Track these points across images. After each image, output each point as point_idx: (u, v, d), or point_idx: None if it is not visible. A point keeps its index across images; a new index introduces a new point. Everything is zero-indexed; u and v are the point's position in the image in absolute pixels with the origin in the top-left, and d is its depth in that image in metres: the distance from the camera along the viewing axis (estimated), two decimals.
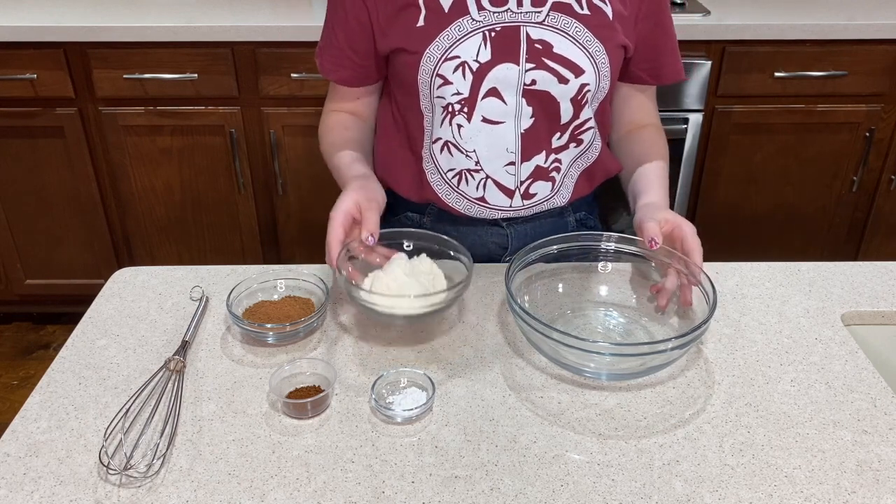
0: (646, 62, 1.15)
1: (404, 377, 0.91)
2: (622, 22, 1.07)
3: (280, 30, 2.02)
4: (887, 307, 1.07)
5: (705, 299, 0.94)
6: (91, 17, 2.10)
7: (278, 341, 0.98)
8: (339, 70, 1.14)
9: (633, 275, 1.07)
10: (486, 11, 1.03)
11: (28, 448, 0.82)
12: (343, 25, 1.10)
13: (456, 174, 1.12)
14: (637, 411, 0.88)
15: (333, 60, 1.14)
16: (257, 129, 2.17)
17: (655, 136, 1.21)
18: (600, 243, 1.07)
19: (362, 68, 1.13)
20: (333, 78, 1.16)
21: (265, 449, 0.82)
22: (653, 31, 1.12)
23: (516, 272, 1.00)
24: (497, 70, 1.04)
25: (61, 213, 2.30)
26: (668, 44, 1.15)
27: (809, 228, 2.35)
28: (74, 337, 1.00)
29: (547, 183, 1.13)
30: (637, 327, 1.01)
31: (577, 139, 1.12)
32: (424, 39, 1.04)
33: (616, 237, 1.06)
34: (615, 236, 1.06)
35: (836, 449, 0.83)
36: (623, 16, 1.08)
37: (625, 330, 1.01)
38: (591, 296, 1.06)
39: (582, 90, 1.06)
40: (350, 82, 1.16)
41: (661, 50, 1.15)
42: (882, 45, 2.08)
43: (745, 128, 2.18)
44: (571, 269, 1.08)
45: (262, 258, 2.36)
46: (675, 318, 1.01)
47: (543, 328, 0.87)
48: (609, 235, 1.06)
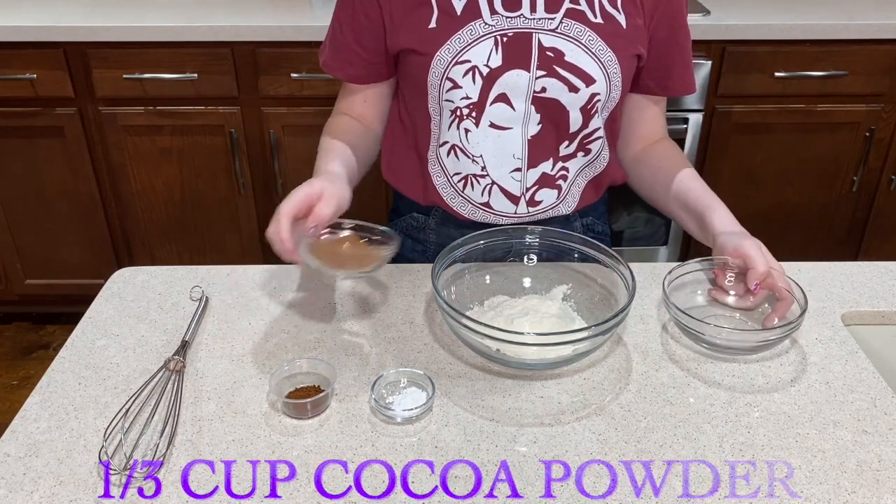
0: (655, 71, 1.13)
1: (404, 377, 0.91)
2: (637, 31, 1.06)
3: (280, 30, 2.02)
4: (887, 307, 1.07)
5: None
6: (91, 17, 2.10)
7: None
8: (344, 67, 1.13)
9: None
10: (499, 16, 1.02)
11: (28, 448, 0.82)
12: (350, 22, 1.09)
13: (462, 178, 1.12)
14: (637, 411, 0.88)
15: (339, 57, 1.12)
16: (257, 129, 2.17)
17: (676, 149, 1.19)
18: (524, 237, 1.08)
19: (370, 65, 1.12)
20: (338, 75, 1.14)
21: (265, 449, 0.82)
22: (665, 41, 1.10)
23: (441, 270, 1.00)
24: (507, 76, 1.03)
25: (61, 213, 2.30)
26: (680, 55, 1.13)
27: (809, 228, 2.35)
28: (74, 337, 1.00)
29: (553, 191, 1.13)
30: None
31: (585, 148, 1.12)
32: (436, 41, 1.03)
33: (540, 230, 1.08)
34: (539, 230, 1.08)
35: (836, 449, 0.83)
36: (638, 25, 1.06)
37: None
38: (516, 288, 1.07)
39: (592, 100, 1.06)
40: (356, 79, 1.14)
41: (672, 60, 1.13)
42: (882, 45, 2.08)
43: (745, 128, 2.18)
44: (499, 264, 1.08)
45: (261, 258, 2.36)
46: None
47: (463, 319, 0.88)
48: (533, 229, 1.08)
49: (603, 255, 1.03)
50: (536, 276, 1.07)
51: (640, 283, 1.06)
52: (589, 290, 1.04)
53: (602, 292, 1.03)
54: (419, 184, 1.17)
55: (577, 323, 1.00)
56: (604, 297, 1.02)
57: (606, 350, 0.97)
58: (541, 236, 1.08)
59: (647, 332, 1.01)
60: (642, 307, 1.06)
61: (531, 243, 1.08)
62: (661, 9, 1.08)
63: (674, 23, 1.10)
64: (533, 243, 1.08)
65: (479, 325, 0.89)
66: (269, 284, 1.10)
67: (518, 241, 1.08)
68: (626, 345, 0.99)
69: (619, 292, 0.99)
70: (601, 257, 1.03)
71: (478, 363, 0.95)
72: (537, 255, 1.08)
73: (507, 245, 1.08)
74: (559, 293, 1.05)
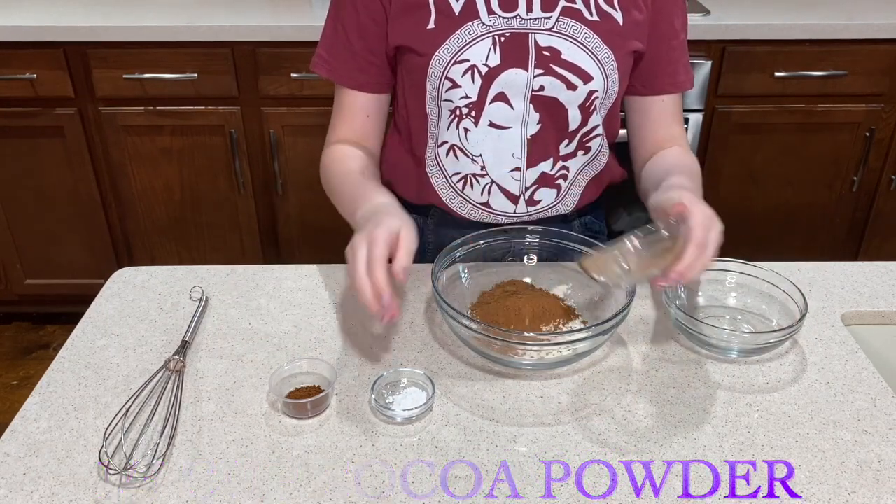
0: (640, 67, 1.11)
1: (404, 377, 0.91)
2: (636, 27, 1.06)
3: (280, 30, 2.02)
4: (887, 307, 1.07)
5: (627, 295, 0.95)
6: (91, 17, 2.10)
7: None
8: (355, 75, 1.09)
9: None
10: (496, 16, 1.02)
11: (28, 448, 0.82)
12: (356, 25, 1.06)
13: (461, 178, 1.12)
14: (637, 411, 0.88)
15: (349, 65, 1.09)
16: (257, 129, 2.17)
17: (682, 154, 1.13)
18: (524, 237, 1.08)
19: (381, 70, 1.09)
20: (350, 84, 1.10)
21: (265, 449, 0.82)
22: (651, 36, 1.08)
23: (441, 270, 1.00)
24: (505, 74, 1.03)
25: (61, 214, 2.30)
26: (667, 53, 1.10)
27: (809, 228, 2.35)
28: (74, 337, 1.00)
29: (552, 190, 1.13)
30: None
31: (584, 146, 1.12)
32: (434, 42, 1.03)
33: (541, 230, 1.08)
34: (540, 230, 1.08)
35: (836, 449, 0.83)
36: (637, 21, 1.06)
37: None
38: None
39: (590, 97, 1.06)
40: (367, 87, 1.10)
41: (658, 57, 1.10)
42: (882, 45, 2.08)
43: (746, 128, 2.18)
44: (498, 264, 1.08)
45: (261, 258, 2.36)
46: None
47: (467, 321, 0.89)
48: (533, 229, 1.08)
49: None
50: (536, 276, 1.07)
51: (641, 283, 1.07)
52: (589, 290, 1.04)
53: (602, 292, 1.03)
54: (415, 185, 1.17)
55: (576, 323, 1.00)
56: (604, 297, 1.02)
57: (606, 350, 0.97)
58: (540, 236, 1.08)
59: (647, 332, 1.01)
60: (642, 307, 1.06)
61: (531, 243, 1.08)
62: (659, 2, 1.07)
63: (660, 16, 1.07)
64: (533, 243, 1.08)
65: (479, 325, 0.89)
66: (269, 284, 1.10)
67: (518, 241, 1.08)
68: (626, 345, 0.99)
69: (619, 292, 0.99)
70: None
71: (478, 363, 0.95)
72: (537, 255, 1.08)
73: (506, 245, 1.08)
74: (559, 293, 1.05)
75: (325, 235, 2.25)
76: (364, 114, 1.13)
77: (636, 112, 1.17)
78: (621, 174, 1.21)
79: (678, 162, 1.11)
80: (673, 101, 1.15)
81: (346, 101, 1.13)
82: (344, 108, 1.13)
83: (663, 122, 1.16)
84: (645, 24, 1.07)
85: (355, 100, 1.12)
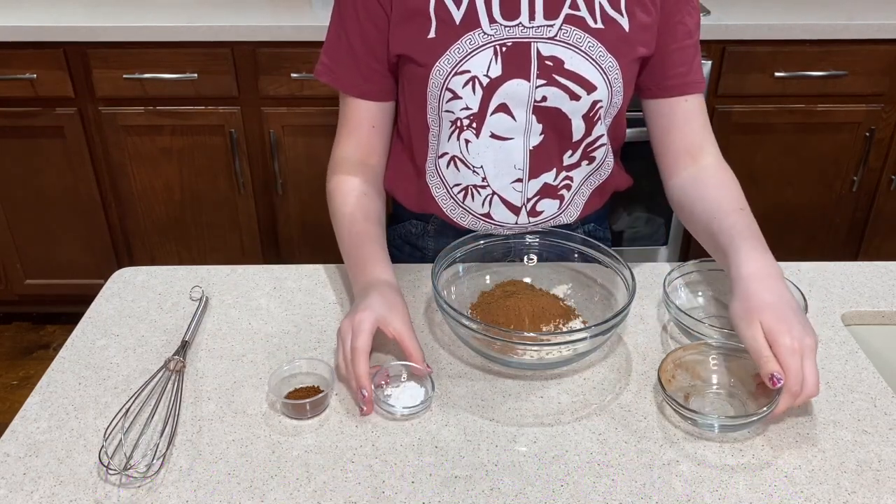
0: (651, 68, 1.07)
1: (405, 371, 0.91)
2: (643, 31, 1.02)
3: (280, 30, 2.02)
4: (887, 307, 1.07)
5: (625, 286, 0.98)
6: (91, 17, 2.10)
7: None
8: (359, 83, 1.07)
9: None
10: (498, 25, 0.99)
11: (28, 448, 0.82)
12: (358, 32, 1.04)
13: (462, 189, 1.10)
14: (637, 411, 0.88)
15: (352, 73, 1.07)
16: (257, 129, 2.17)
17: (718, 169, 1.10)
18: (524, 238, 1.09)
19: (383, 78, 1.08)
20: (354, 92, 1.08)
21: (265, 449, 0.82)
22: (661, 36, 1.05)
23: (441, 271, 1.01)
24: (507, 85, 1.01)
25: (61, 213, 2.30)
26: (678, 53, 1.06)
27: (809, 228, 2.35)
28: (74, 337, 1.00)
29: (554, 201, 1.11)
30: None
31: (589, 156, 1.09)
32: (435, 52, 1.00)
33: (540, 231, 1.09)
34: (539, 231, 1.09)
35: (836, 449, 0.83)
36: (644, 24, 1.02)
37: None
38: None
39: (594, 107, 1.03)
40: (370, 95, 1.08)
41: (668, 58, 1.06)
42: (882, 45, 2.08)
43: (746, 128, 2.18)
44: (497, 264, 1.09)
45: (261, 258, 2.36)
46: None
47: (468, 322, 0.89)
48: (534, 229, 1.08)
49: (603, 255, 1.03)
50: (536, 276, 1.07)
51: (640, 283, 1.06)
52: (589, 290, 1.04)
53: (602, 292, 1.03)
54: (416, 194, 1.16)
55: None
56: (604, 297, 1.02)
57: (606, 350, 0.97)
58: (541, 236, 1.08)
59: (647, 332, 1.01)
60: (642, 307, 1.06)
61: (531, 243, 1.08)
62: (670, 2, 1.04)
63: (670, 16, 1.05)
64: (533, 243, 1.08)
65: (479, 325, 0.89)
66: (269, 284, 1.10)
67: (518, 242, 1.08)
68: (626, 345, 0.99)
69: (618, 292, 0.99)
70: (601, 257, 1.03)
71: (478, 363, 0.95)
72: (537, 255, 1.08)
73: (506, 245, 1.08)
74: (559, 293, 1.05)
75: (325, 235, 2.24)
76: (369, 124, 1.10)
77: (658, 116, 1.10)
78: (627, 182, 1.18)
79: (723, 196, 1.08)
80: (697, 102, 1.10)
81: (350, 112, 1.11)
82: (349, 120, 1.11)
83: (688, 128, 1.10)
84: (653, 26, 1.03)
85: (360, 109, 1.10)
